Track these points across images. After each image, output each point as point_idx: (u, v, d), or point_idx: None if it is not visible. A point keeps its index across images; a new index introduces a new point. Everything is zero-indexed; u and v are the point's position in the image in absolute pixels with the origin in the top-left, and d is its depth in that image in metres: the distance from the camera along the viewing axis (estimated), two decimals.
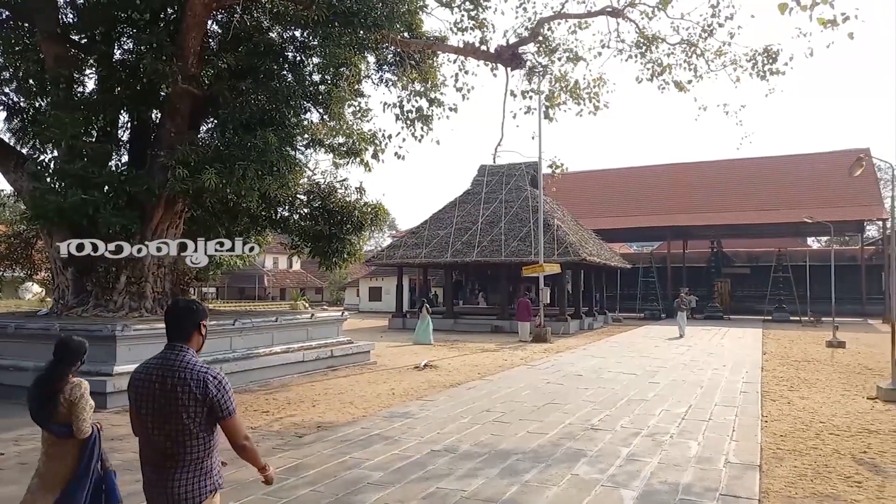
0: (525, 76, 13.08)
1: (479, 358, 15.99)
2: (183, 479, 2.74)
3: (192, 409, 2.69)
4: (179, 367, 2.73)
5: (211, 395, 2.72)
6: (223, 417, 2.76)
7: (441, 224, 27.35)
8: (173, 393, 2.70)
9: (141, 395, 2.78)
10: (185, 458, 2.74)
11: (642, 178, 44.14)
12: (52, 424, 3.55)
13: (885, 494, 5.45)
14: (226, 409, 2.76)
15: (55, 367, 3.63)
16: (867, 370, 13.31)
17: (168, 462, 2.74)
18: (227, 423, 2.79)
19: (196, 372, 2.73)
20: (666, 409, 9.23)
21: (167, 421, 2.71)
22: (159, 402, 2.72)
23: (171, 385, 2.70)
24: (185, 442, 2.72)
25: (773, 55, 11.17)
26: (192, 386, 2.70)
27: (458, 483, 5.74)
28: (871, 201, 35.26)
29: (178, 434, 2.71)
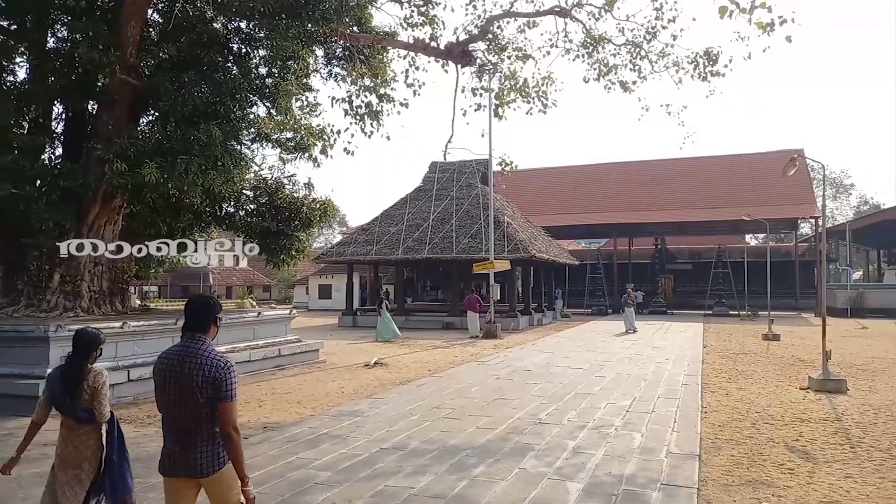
0: (475, 74, 13.15)
1: (429, 355, 16.00)
2: (202, 450, 3.18)
3: (205, 391, 3.13)
4: (197, 354, 3.17)
5: (218, 378, 3.13)
6: (222, 399, 3.13)
7: (392, 221, 27.24)
8: (190, 376, 3.13)
9: (164, 378, 3.22)
10: (203, 432, 3.17)
11: (590, 176, 45.06)
12: (77, 410, 3.80)
13: (814, 480, 5.71)
14: (227, 392, 3.14)
15: (75, 358, 3.87)
16: (800, 362, 13.92)
17: (189, 435, 3.18)
18: (225, 405, 3.14)
19: (211, 358, 3.17)
20: (611, 402, 9.44)
21: (186, 400, 3.15)
22: (179, 384, 3.15)
23: (189, 369, 3.14)
24: (201, 418, 3.15)
25: (714, 57, 11.54)
26: (206, 370, 3.13)
27: (407, 480, 5.73)
28: (805, 200, 36.95)
29: (195, 411, 3.14)
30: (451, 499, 5.24)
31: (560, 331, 23.98)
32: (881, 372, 12.39)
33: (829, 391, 10.05)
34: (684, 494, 5.34)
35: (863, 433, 7.44)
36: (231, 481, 3.25)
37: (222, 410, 3.13)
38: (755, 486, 5.54)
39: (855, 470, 6.01)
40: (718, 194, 39.50)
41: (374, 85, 11.56)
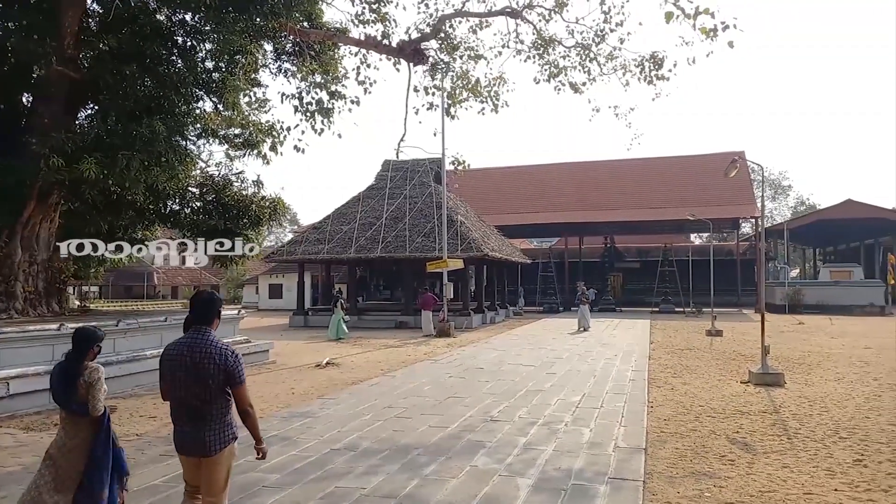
0: (428, 72, 13.13)
1: (382, 354, 15.92)
2: (211, 429, 3.58)
3: (215, 377, 3.53)
4: (206, 345, 3.56)
5: (229, 366, 3.55)
6: (235, 385, 3.59)
7: (344, 219, 26.97)
8: (201, 364, 3.52)
9: (175, 367, 3.58)
10: (212, 414, 3.57)
11: (542, 175, 45.67)
12: (72, 404, 3.99)
13: (753, 470, 5.93)
14: (238, 377, 3.59)
15: (74, 354, 4.06)
16: (741, 356, 14.44)
17: (199, 418, 3.57)
18: (238, 389, 3.61)
19: (218, 348, 3.57)
20: (562, 399, 9.59)
21: (197, 386, 3.53)
22: (190, 372, 3.53)
23: (199, 358, 3.53)
24: (210, 402, 3.55)
25: (659, 61, 11.83)
26: (215, 359, 3.53)
27: (358, 481, 5.68)
28: (746, 200, 38.36)
29: (206, 396, 3.54)
30: (402, 498, 5.22)
31: (512, 329, 24.22)
32: (816, 365, 12.97)
33: (767, 384, 10.45)
34: (630, 487, 5.46)
35: (799, 424, 7.76)
36: (227, 460, 3.71)
37: (238, 393, 3.62)
38: (698, 478, 5.71)
39: (791, 460, 6.26)
40: (665, 194, 40.62)
41: (324, 81, 11.40)
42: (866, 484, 5.50)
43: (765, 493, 5.30)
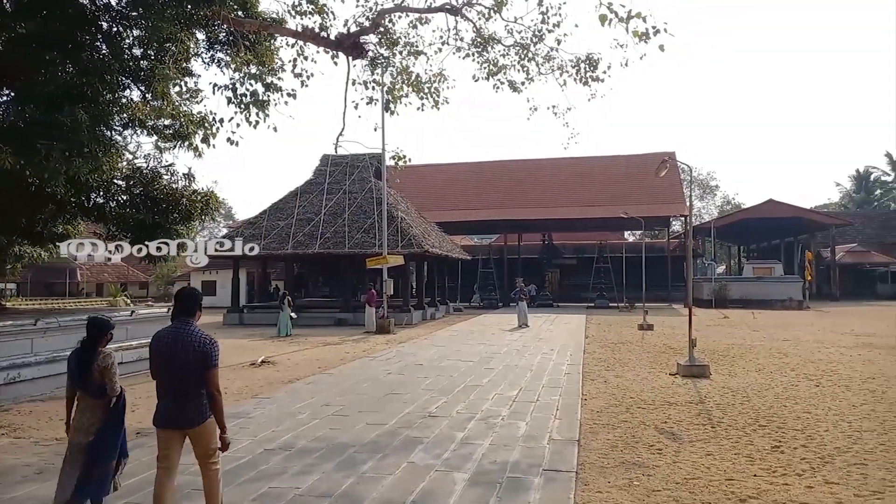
0: (367, 66, 12.97)
1: (320, 352, 15.70)
2: (192, 406, 4.16)
3: (197, 361, 4.12)
4: (189, 334, 4.17)
5: (206, 350, 4.14)
6: (209, 367, 4.15)
7: (281, 214, 26.41)
8: (186, 351, 4.11)
9: (163, 352, 4.17)
10: (193, 393, 4.16)
11: (482, 172, 46.04)
12: (88, 386, 4.42)
13: (680, 458, 6.17)
14: (212, 361, 4.17)
15: (88, 341, 4.48)
16: (670, 349, 15.00)
17: (182, 395, 4.16)
18: (211, 372, 4.16)
19: (200, 336, 4.18)
20: (499, 393, 9.71)
21: (182, 369, 4.12)
22: (177, 357, 4.12)
23: (184, 346, 4.13)
24: (191, 382, 4.14)
25: (594, 63, 12.08)
26: (196, 346, 4.13)
27: (293, 480, 5.58)
28: (677, 199, 39.82)
29: (188, 377, 4.13)
30: (338, 497, 5.16)
31: (452, 325, 24.35)
32: (739, 357, 13.62)
33: (694, 376, 10.90)
34: (564, 478, 5.59)
35: (722, 414, 8.13)
36: (212, 432, 4.25)
37: (210, 376, 4.16)
38: (628, 467, 5.90)
39: (715, 448, 6.55)
40: (600, 193, 41.70)
41: (259, 73, 11.07)
42: (782, 469, 5.82)
43: (690, 479, 5.53)
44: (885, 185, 72.41)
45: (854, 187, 73.09)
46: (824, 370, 11.62)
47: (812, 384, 10.19)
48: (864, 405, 8.54)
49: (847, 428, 7.30)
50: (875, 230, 51.13)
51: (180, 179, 12.59)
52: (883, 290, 46.11)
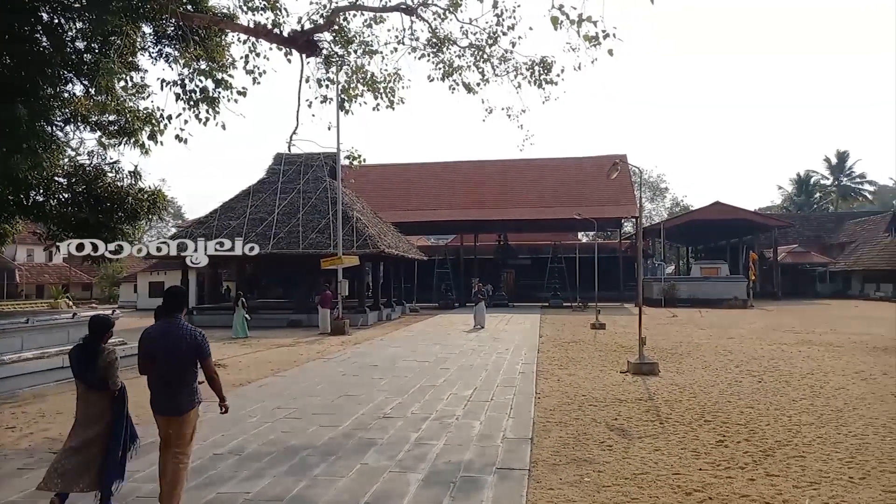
0: (322, 65, 12.81)
1: (273, 354, 15.43)
2: (183, 394, 4.63)
3: (188, 353, 4.59)
4: (180, 329, 4.62)
5: (198, 343, 4.62)
6: (204, 357, 4.67)
7: (233, 214, 25.84)
8: (178, 344, 4.56)
9: (155, 347, 4.58)
10: (183, 382, 4.62)
11: (438, 173, 46.08)
12: (93, 380, 4.71)
13: (629, 454, 6.30)
14: (206, 351, 4.68)
15: (92, 337, 4.78)
16: (621, 348, 15.32)
17: (173, 385, 4.59)
18: (206, 361, 4.70)
19: (190, 330, 4.64)
20: (454, 393, 9.73)
21: (173, 362, 4.57)
22: (169, 351, 4.55)
23: (176, 339, 4.57)
24: (184, 373, 4.62)
25: (548, 66, 12.23)
26: (188, 339, 4.58)
27: (242, 485, 5.46)
28: (628, 201, 40.69)
29: (179, 369, 4.60)
30: (289, 501, 5.08)
31: (409, 325, 24.29)
32: (686, 355, 14.02)
33: (643, 374, 11.16)
34: (517, 476, 5.64)
35: (670, 410, 8.35)
36: (192, 420, 4.76)
37: (206, 364, 4.70)
38: (579, 464, 5.99)
39: (663, 443, 6.72)
40: (554, 194, 42.27)
41: (210, 69, 10.78)
42: (726, 462, 6.01)
43: (638, 475, 5.65)
44: (825, 188, 75.74)
45: (795, 190, 76.17)
46: (766, 366, 12.06)
47: (755, 380, 10.56)
48: (803, 400, 8.89)
49: (787, 422, 7.59)
50: (814, 231, 53.42)
51: (126, 177, 12.19)
52: (822, 290, 48.22)
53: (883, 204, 72.25)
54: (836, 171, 73.66)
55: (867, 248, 45.55)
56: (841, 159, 73.29)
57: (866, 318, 25.90)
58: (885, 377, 10.77)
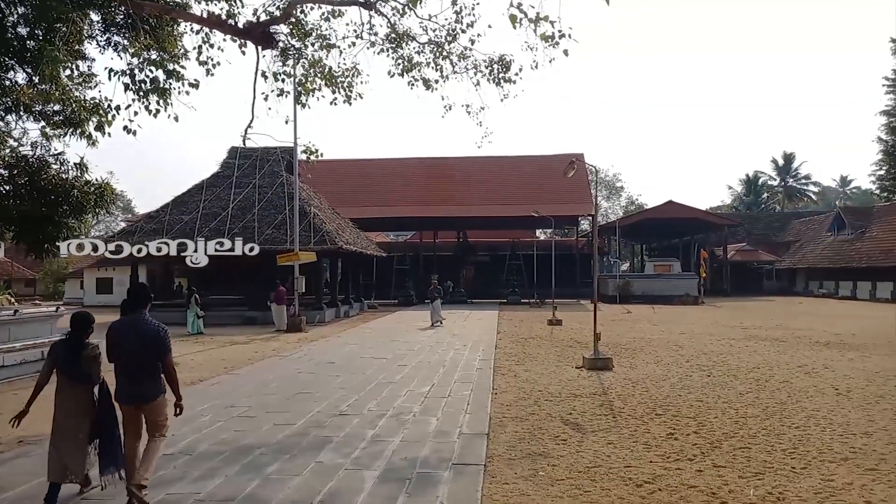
0: (278, 57, 12.57)
1: (226, 352, 15.13)
2: (148, 384, 4.90)
3: (153, 346, 4.86)
4: (146, 323, 4.90)
5: (161, 338, 4.89)
6: (166, 352, 4.93)
7: (186, 209, 25.18)
8: (144, 337, 4.85)
9: (122, 340, 4.85)
10: (148, 373, 4.89)
11: (397, 169, 45.87)
12: (77, 374, 5.00)
13: (583, 448, 6.41)
14: (167, 347, 4.93)
15: (76, 333, 5.05)
16: (577, 343, 15.56)
17: (139, 376, 4.87)
18: (166, 357, 4.93)
19: (155, 325, 4.91)
20: (411, 390, 9.71)
21: (139, 354, 4.84)
22: (135, 343, 4.83)
23: (142, 333, 4.85)
24: (149, 364, 4.88)
25: (507, 64, 12.29)
26: (153, 333, 4.86)
27: (193, 486, 5.34)
28: (584, 199, 41.32)
29: (145, 361, 4.87)
30: (241, 501, 4.99)
31: (367, 322, 24.15)
32: (639, 350, 14.33)
33: (598, 369, 11.36)
34: (472, 471, 5.67)
35: (623, 404, 8.52)
36: (162, 407, 4.99)
37: (167, 360, 4.93)
38: (534, 458, 6.06)
39: (615, 437, 6.85)
40: (513, 192, 42.58)
41: (161, 59, 10.45)
42: (676, 455, 6.17)
43: (591, 468, 5.75)
44: (772, 188, 78.52)
45: (744, 190, 78.72)
46: (715, 361, 12.43)
47: (704, 374, 10.87)
48: (750, 393, 9.20)
49: (734, 414, 7.84)
50: (762, 230, 55.31)
51: (71, 169, 11.74)
52: (768, 286, 49.97)
53: (826, 204, 75.38)
54: (782, 172, 76.44)
55: (811, 247, 47.38)
56: (787, 161, 76.09)
57: (809, 314, 26.97)
58: (827, 371, 11.23)
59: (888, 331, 18.75)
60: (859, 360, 12.48)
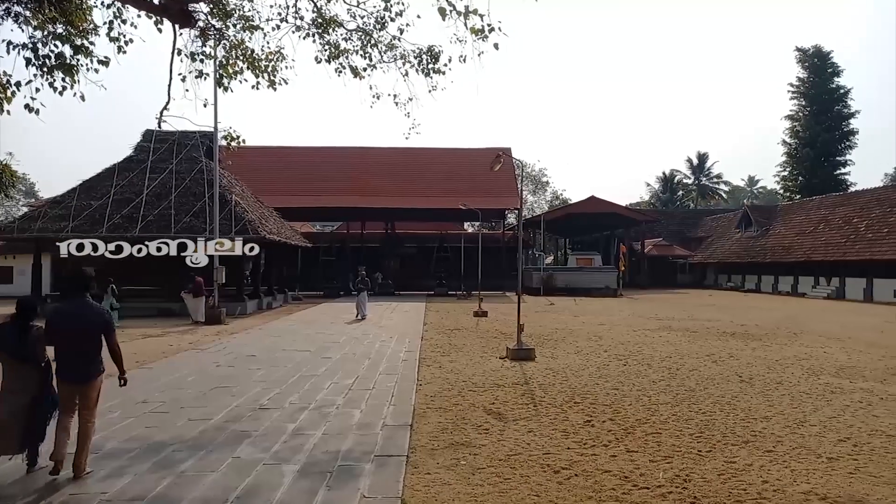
0: (198, 37, 12.01)
1: (139, 345, 14.41)
2: (89, 364, 5.35)
3: (98, 328, 5.33)
4: (90, 306, 5.40)
5: (106, 320, 5.41)
6: (111, 332, 5.40)
7: (95, 194, 23.72)
8: (90, 320, 5.32)
9: (66, 322, 5.29)
10: (90, 354, 5.34)
11: (325, 158, 45.01)
12: (25, 354, 5.28)
13: (504, 437, 6.52)
14: (111, 328, 5.42)
15: (20, 316, 5.35)
16: (502, 335, 15.81)
17: (81, 357, 5.31)
18: (111, 336, 5.38)
19: (99, 308, 5.48)
20: (335, 382, 9.59)
21: (82, 335, 5.29)
22: (80, 326, 5.27)
23: (88, 316, 5.33)
24: (91, 346, 5.33)
25: (436, 55, 12.25)
26: (98, 317, 5.36)
27: (99, 486, 5.06)
28: (511, 193, 41.98)
29: (88, 342, 5.31)
30: (152, 499, 4.78)
31: (290, 314, 23.63)
32: (561, 340, 14.73)
33: (521, 359, 11.59)
34: (394, 463, 5.66)
35: (544, 393, 8.73)
36: (97, 387, 5.48)
37: (112, 339, 5.39)
38: (456, 448, 6.12)
39: (535, 425, 7.02)
40: (441, 184, 42.71)
41: (67, 34, 9.77)
42: (592, 441, 6.38)
43: (511, 456, 5.86)
44: (686, 186, 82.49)
45: (661, 188, 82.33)
46: (631, 351, 12.95)
47: (621, 363, 11.30)
48: (662, 381, 9.64)
49: (647, 402, 8.19)
50: (677, 226, 58.00)
51: None
52: (682, 280, 52.58)
53: (735, 202, 79.99)
54: (696, 171, 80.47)
55: (721, 243, 50.14)
56: (701, 161, 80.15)
57: (718, 305, 28.56)
58: (732, 359, 11.92)
59: (787, 322, 20.13)
60: (761, 349, 13.32)
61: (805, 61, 56.46)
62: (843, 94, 55.28)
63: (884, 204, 35.60)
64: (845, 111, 55.38)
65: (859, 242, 34.32)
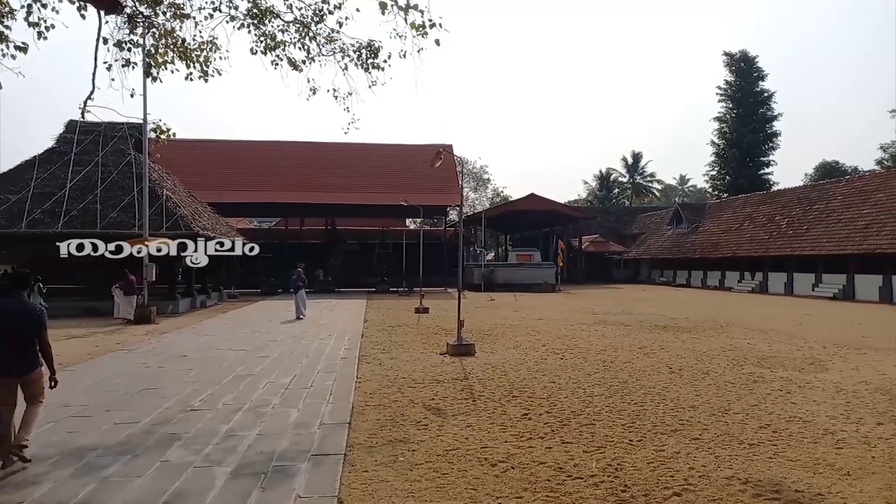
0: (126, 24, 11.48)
1: (62, 346, 13.67)
2: (28, 358, 5.58)
3: (33, 325, 5.55)
4: (27, 304, 5.67)
5: (41, 318, 5.60)
6: (42, 330, 5.62)
7: (13, 187, 22.36)
8: (25, 317, 5.53)
9: (4, 318, 5.46)
10: (28, 349, 5.58)
11: (262, 152, 43.93)
12: None
13: (443, 432, 6.55)
14: (45, 325, 5.64)
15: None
16: (442, 331, 15.87)
17: (20, 352, 5.54)
18: (43, 334, 5.63)
19: (35, 307, 5.70)
20: (271, 381, 9.39)
21: (23, 331, 5.52)
22: (15, 322, 5.48)
23: (24, 313, 5.55)
24: (30, 341, 5.57)
25: (375, 51, 12.12)
26: (34, 315, 5.59)
27: (14, 494, 4.79)
28: (453, 190, 42.15)
29: (25, 337, 5.54)
30: None
31: (226, 312, 22.98)
32: (501, 335, 14.91)
33: (461, 355, 11.67)
34: (331, 461, 5.58)
35: (483, 388, 8.81)
36: (40, 378, 5.67)
37: (43, 337, 5.61)
38: (395, 444, 6.10)
39: (474, 419, 7.07)
40: (383, 180, 42.44)
41: None
42: (529, 434, 6.48)
43: (450, 451, 5.89)
44: (622, 185, 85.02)
45: (598, 186, 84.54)
46: (568, 345, 13.24)
47: (558, 357, 11.54)
48: (597, 373, 9.90)
49: (582, 394, 8.39)
50: (613, 223, 59.70)
51: None
52: (618, 275, 54.18)
53: (668, 200, 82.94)
54: (631, 169, 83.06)
55: (654, 239, 51.91)
56: (636, 160, 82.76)
57: (651, 300, 29.56)
58: (663, 351, 12.36)
59: (715, 315, 21.04)
60: (690, 342, 13.87)
61: (732, 65, 59.15)
62: (767, 97, 58.21)
63: (803, 202, 37.68)
64: (769, 114, 58.34)
65: (780, 239, 36.20)
